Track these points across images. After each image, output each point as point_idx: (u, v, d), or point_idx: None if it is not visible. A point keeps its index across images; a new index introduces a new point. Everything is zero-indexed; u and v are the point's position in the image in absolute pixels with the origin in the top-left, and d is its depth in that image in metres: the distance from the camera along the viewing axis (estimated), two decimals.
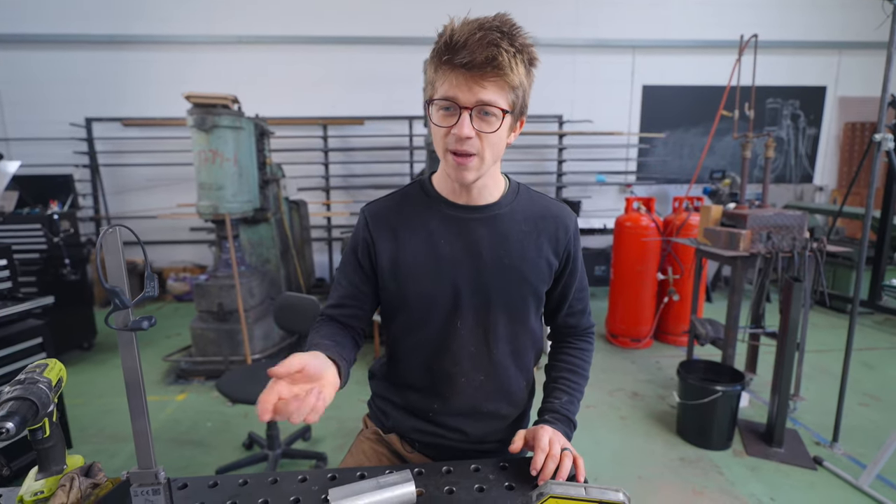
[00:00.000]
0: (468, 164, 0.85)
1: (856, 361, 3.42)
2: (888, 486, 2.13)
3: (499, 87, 0.81)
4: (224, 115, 3.14)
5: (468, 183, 0.89)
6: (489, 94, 0.81)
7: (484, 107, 0.81)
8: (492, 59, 0.77)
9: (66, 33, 5.17)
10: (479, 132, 0.83)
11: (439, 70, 0.82)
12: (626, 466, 2.33)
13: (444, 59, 0.80)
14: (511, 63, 0.79)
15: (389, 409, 1.08)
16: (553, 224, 0.99)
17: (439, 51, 0.81)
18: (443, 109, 0.83)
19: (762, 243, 2.60)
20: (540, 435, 0.88)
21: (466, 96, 0.80)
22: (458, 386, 0.99)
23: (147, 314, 0.70)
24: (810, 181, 6.22)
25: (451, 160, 0.85)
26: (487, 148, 0.85)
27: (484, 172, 0.89)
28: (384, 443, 1.11)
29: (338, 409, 2.88)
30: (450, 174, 0.89)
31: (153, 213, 5.42)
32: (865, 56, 5.82)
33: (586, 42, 5.56)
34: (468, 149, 0.83)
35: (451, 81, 0.81)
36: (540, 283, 0.98)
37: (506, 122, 0.84)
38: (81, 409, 2.90)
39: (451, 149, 0.84)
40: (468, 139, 0.82)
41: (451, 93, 0.81)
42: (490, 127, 0.83)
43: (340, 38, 5.36)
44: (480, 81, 0.80)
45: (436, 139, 0.88)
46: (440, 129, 0.85)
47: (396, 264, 0.95)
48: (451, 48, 0.79)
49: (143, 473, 0.72)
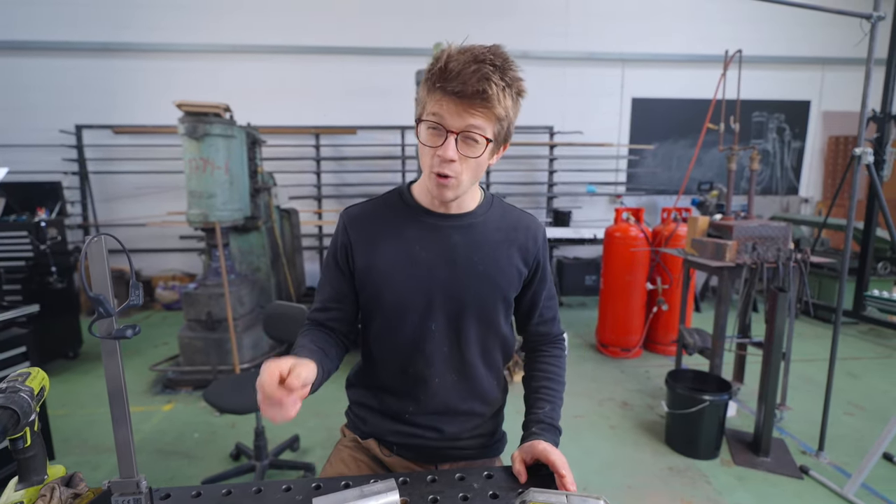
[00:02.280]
0: (448, 184, 0.90)
1: (840, 371, 3.47)
2: (873, 495, 2.15)
3: (486, 117, 0.85)
4: (215, 123, 3.14)
5: (447, 201, 0.95)
6: (476, 121, 0.85)
7: (470, 133, 0.85)
8: (482, 91, 0.82)
9: (57, 40, 5.16)
10: (463, 156, 0.87)
11: (431, 93, 0.86)
12: (615, 476, 2.34)
13: (438, 85, 0.84)
14: (499, 96, 0.83)
15: (367, 414, 1.10)
16: (524, 234, 1.04)
17: (434, 75, 0.85)
18: (431, 129, 0.87)
19: (748, 254, 2.64)
20: (540, 449, 0.91)
21: (455, 121, 0.85)
22: (433, 386, 1.03)
23: (134, 323, 0.70)
24: (796, 193, 6.33)
25: (434, 179, 0.90)
26: (467, 171, 0.90)
27: (462, 193, 0.94)
28: (363, 449, 1.12)
29: (325, 419, 2.86)
30: (431, 191, 0.94)
31: (142, 220, 5.38)
32: (848, 71, 5.97)
33: (576, 55, 5.65)
34: (448, 172, 0.88)
35: (441, 105, 0.85)
36: (510, 289, 1.03)
37: (488, 149, 0.90)
38: (65, 419, 2.85)
39: (436, 171, 0.89)
40: (451, 162, 0.87)
41: (440, 116, 0.85)
42: (473, 152, 0.88)
43: (333, 48, 5.40)
44: (469, 110, 0.84)
45: (422, 157, 0.92)
46: (427, 149, 0.89)
47: (372, 268, 0.99)
48: (445, 75, 0.82)
49: (125, 483, 0.71)
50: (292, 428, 2.73)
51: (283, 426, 2.76)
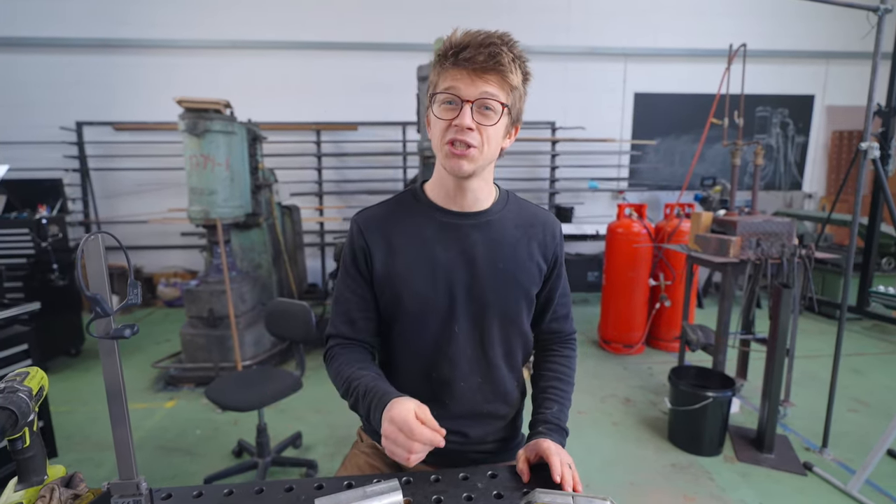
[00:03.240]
0: (467, 154, 0.88)
1: (845, 367, 3.45)
2: (877, 491, 2.14)
3: (499, 83, 0.86)
4: (216, 119, 3.13)
5: (464, 174, 0.90)
6: (490, 88, 0.85)
7: (485, 100, 0.85)
8: (494, 56, 0.83)
9: (56, 37, 5.14)
10: (480, 125, 0.86)
11: (443, 69, 0.87)
12: (618, 473, 2.33)
13: (449, 58, 0.85)
14: (511, 66, 0.85)
15: None
16: (542, 230, 1.02)
17: (444, 53, 0.86)
18: (445, 103, 0.87)
19: (751, 250, 2.62)
20: (543, 448, 0.91)
21: (469, 90, 0.85)
22: (458, 390, 1.00)
23: (136, 320, 0.69)
24: (799, 188, 6.29)
25: (449, 151, 0.88)
26: (486, 142, 0.88)
27: (480, 167, 0.91)
28: (380, 455, 1.09)
29: (328, 416, 2.86)
30: (446, 166, 0.91)
31: (143, 217, 5.37)
32: (852, 66, 5.91)
33: (578, 49, 5.61)
34: (469, 139, 0.86)
35: (454, 76, 0.85)
36: (531, 285, 1.01)
37: (503, 119, 0.88)
38: (67, 416, 2.86)
39: (451, 138, 0.87)
40: (469, 130, 0.86)
41: (455, 87, 0.85)
42: (489, 121, 0.87)
43: (334, 43, 5.37)
44: (483, 76, 0.85)
45: (435, 133, 0.90)
46: (441, 122, 0.88)
47: (392, 271, 0.96)
48: (457, 49, 0.84)
49: (125, 484, 0.71)
50: (294, 425, 2.73)
51: (283, 423, 2.77)
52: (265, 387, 2.10)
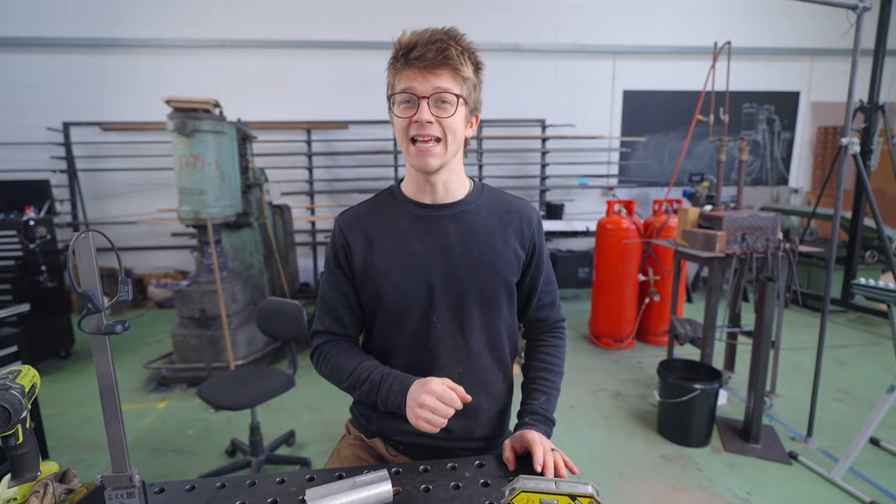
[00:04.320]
0: (432, 150, 0.92)
1: (829, 358, 3.52)
2: (860, 479, 2.19)
3: (451, 76, 0.90)
4: (205, 119, 3.11)
5: (432, 170, 0.94)
6: (443, 82, 0.89)
7: (440, 94, 0.89)
8: (442, 50, 0.87)
9: (44, 36, 5.08)
10: (438, 118, 0.90)
11: (397, 72, 0.91)
12: (608, 464, 2.37)
13: (400, 59, 0.89)
14: (459, 58, 0.89)
15: (372, 413, 1.08)
16: (517, 218, 1.04)
17: (395, 56, 0.91)
18: (403, 103, 0.91)
19: (737, 244, 2.66)
20: (528, 438, 0.93)
21: (423, 86, 0.89)
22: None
23: (125, 320, 0.71)
24: (786, 183, 6.38)
25: (414, 149, 0.92)
26: (449, 133, 0.92)
27: (447, 160, 0.95)
28: (367, 448, 1.11)
29: (321, 414, 2.87)
30: (413, 164, 0.95)
31: (133, 218, 5.34)
32: (836, 62, 6.00)
33: (567, 47, 5.64)
34: (431, 132, 0.90)
35: (408, 76, 0.89)
36: (509, 273, 1.03)
37: (460, 109, 0.92)
38: (58, 418, 2.85)
39: (413, 135, 0.91)
40: (428, 123, 0.89)
41: (409, 85, 0.89)
42: (446, 113, 0.91)
43: (323, 42, 5.36)
44: (434, 72, 0.88)
45: (399, 132, 0.94)
46: (402, 121, 0.92)
47: (370, 266, 0.99)
48: (406, 50, 0.88)
49: (118, 477, 0.72)
50: (288, 423, 2.74)
51: (276, 422, 2.77)
52: (258, 386, 2.11)
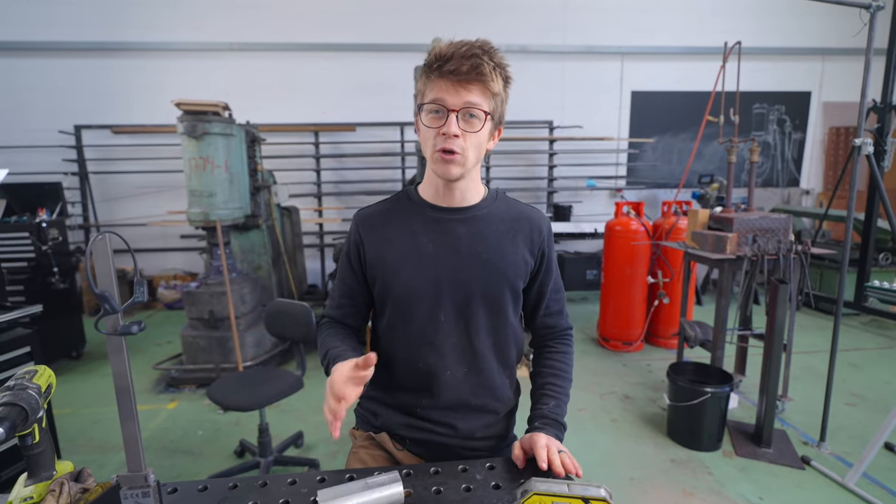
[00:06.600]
0: (454, 160, 0.94)
1: (842, 362, 3.48)
2: (874, 484, 2.16)
3: (482, 92, 0.92)
4: (214, 121, 3.14)
5: (453, 178, 0.97)
6: (473, 97, 0.91)
7: (469, 109, 0.91)
8: (476, 67, 0.89)
9: (55, 41, 5.15)
10: (465, 132, 0.92)
11: (429, 80, 0.93)
12: (618, 468, 2.35)
13: (434, 69, 0.91)
14: (492, 74, 0.91)
15: (378, 408, 1.11)
16: (528, 225, 1.07)
17: (429, 64, 0.93)
18: (432, 113, 0.93)
19: (748, 246, 2.64)
20: (535, 440, 0.94)
21: (454, 99, 0.91)
22: (444, 380, 1.04)
23: (140, 321, 0.71)
24: (797, 185, 6.31)
25: (439, 157, 0.94)
26: (471, 148, 0.94)
27: (467, 170, 0.97)
28: (377, 445, 1.13)
29: None
30: (436, 171, 0.97)
31: (143, 220, 5.39)
32: (848, 62, 5.94)
33: (575, 49, 5.62)
34: (454, 147, 0.91)
35: (439, 87, 0.91)
36: (517, 278, 1.04)
37: (487, 125, 0.94)
38: (69, 418, 2.87)
39: (440, 147, 0.92)
40: (455, 137, 0.91)
41: (440, 97, 0.91)
42: (473, 128, 0.93)
43: (332, 44, 5.39)
44: (466, 86, 0.90)
45: (425, 141, 0.96)
46: (430, 131, 0.94)
47: (382, 261, 1.03)
48: (441, 61, 0.90)
49: (133, 476, 0.72)
50: (296, 424, 2.75)
51: (285, 423, 2.78)
52: (266, 387, 2.12)
